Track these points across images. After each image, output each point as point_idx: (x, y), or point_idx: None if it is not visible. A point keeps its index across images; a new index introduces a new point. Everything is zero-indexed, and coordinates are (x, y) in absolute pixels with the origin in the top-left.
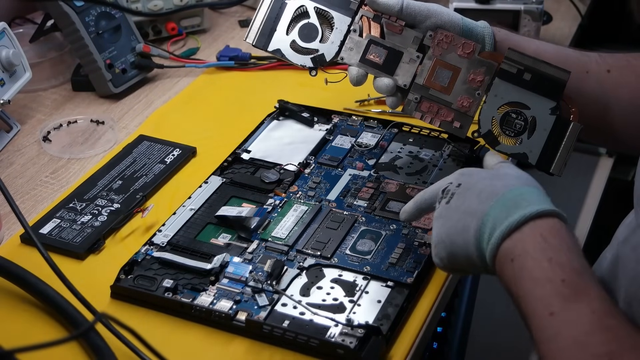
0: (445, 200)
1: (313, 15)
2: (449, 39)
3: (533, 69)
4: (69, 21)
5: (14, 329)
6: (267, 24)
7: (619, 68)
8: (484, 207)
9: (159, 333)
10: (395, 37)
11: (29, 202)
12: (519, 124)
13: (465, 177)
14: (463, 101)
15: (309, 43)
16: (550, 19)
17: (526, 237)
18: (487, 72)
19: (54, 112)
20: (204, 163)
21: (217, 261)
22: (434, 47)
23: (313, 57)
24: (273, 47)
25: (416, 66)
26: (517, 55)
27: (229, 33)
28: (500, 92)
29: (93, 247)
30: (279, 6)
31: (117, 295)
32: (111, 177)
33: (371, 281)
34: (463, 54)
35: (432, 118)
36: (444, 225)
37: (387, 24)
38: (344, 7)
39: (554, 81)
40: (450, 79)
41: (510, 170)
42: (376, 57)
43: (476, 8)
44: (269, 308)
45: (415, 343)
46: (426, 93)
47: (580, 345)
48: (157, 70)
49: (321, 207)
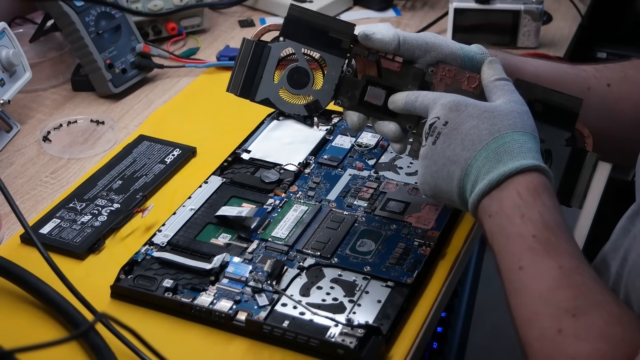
0: (432, 140)
1: (301, 58)
2: (452, 73)
3: (543, 99)
4: (69, 21)
5: (14, 329)
6: (251, 71)
7: (617, 81)
8: (468, 154)
9: (159, 333)
10: (394, 75)
11: (29, 202)
12: None
13: (453, 113)
14: None
15: (300, 90)
16: (550, 19)
17: (504, 195)
18: None
19: (54, 112)
20: (204, 163)
21: (217, 261)
22: (437, 83)
23: (307, 105)
24: (260, 97)
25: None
26: (526, 86)
27: (229, 33)
28: None
29: (93, 247)
30: (260, 51)
31: (117, 295)
32: (111, 177)
33: (371, 281)
34: (469, 88)
35: None
36: (429, 167)
37: (384, 62)
38: (335, 47)
39: (567, 111)
40: None
41: (503, 99)
42: (375, 99)
43: (476, 8)
44: (269, 308)
45: (415, 343)
46: None
47: (546, 300)
48: (157, 70)
49: (321, 207)
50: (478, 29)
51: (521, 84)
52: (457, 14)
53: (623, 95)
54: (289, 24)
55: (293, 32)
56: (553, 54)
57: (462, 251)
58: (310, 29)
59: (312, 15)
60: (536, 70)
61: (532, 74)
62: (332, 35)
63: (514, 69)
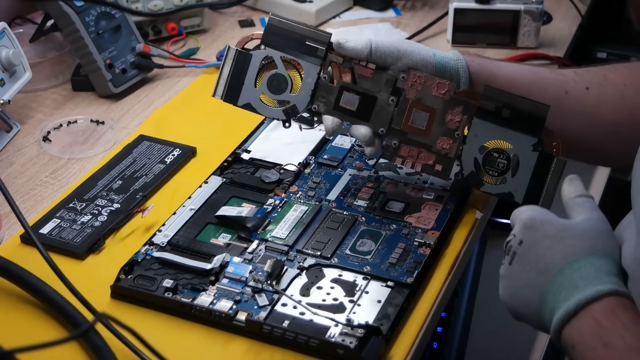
0: (508, 260)
1: (280, 65)
2: (423, 80)
3: (511, 105)
4: (69, 21)
5: (14, 329)
6: (234, 77)
7: (597, 84)
8: (543, 280)
9: (159, 333)
10: (367, 81)
11: (29, 202)
12: (501, 163)
13: (528, 231)
14: (443, 143)
15: (279, 95)
16: (550, 19)
17: (582, 324)
18: (464, 111)
19: (54, 112)
20: (204, 163)
21: (217, 261)
22: (408, 89)
23: (285, 109)
24: (242, 101)
25: (391, 110)
26: (493, 92)
27: (229, 33)
28: (480, 132)
29: (93, 247)
30: (243, 58)
31: (117, 295)
32: (111, 177)
33: (371, 281)
34: (438, 94)
35: (413, 162)
36: (508, 289)
37: (357, 69)
38: (312, 54)
39: (534, 117)
40: (427, 121)
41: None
42: (349, 104)
43: (476, 8)
44: (269, 308)
45: (415, 343)
46: (404, 137)
47: None
48: (157, 70)
49: (321, 207)
50: (478, 29)
51: (488, 91)
52: (457, 14)
53: (602, 99)
54: (269, 33)
55: (273, 40)
56: (553, 54)
57: (462, 251)
58: (289, 37)
59: (291, 24)
60: (513, 75)
61: (508, 79)
62: (308, 43)
63: (489, 74)
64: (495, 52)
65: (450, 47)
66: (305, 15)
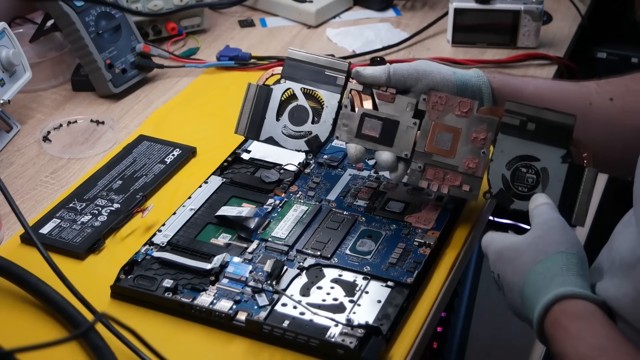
0: (502, 292)
1: (301, 96)
2: (444, 100)
3: (536, 118)
4: (69, 21)
5: (14, 329)
6: (256, 113)
7: (620, 95)
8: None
9: (159, 333)
10: (389, 106)
11: (29, 202)
12: (530, 178)
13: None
14: (469, 162)
15: (301, 126)
16: (550, 19)
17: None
18: (489, 128)
19: (54, 112)
20: (204, 163)
21: (217, 261)
22: (430, 110)
23: (307, 140)
24: (265, 135)
25: (415, 133)
26: (517, 107)
27: (229, 33)
28: (506, 148)
29: (93, 247)
30: (265, 93)
31: (117, 295)
32: (111, 177)
33: (371, 281)
34: (461, 114)
35: (440, 185)
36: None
37: (377, 94)
38: (332, 84)
39: (561, 128)
40: (452, 142)
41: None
42: (372, 130)
43: (476, 8)
44: (269, 308)
45: (415, 343)
46: (429, 160)
47: None
48: (157, 70)
49: (321, 207)
50: (478, 29)
51: (511, 105)
52: (457, 14)
53: (627, 108)
54: (288, 66)
55: (292, 73)
56: (553, 54)
57: (462, 251)
58: (308, 69)
59: (309, 56)
60: (537, 90)
61: (533, 94)
62: (328, 73)
63: (512, 90)
64: (495, 52)
65: (450, 47)
66: (305, 15)
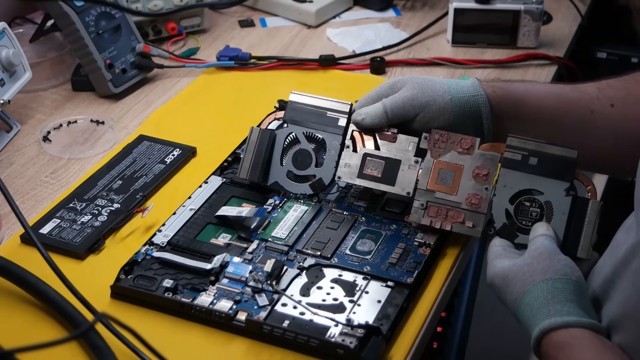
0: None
1: (304, 140)
2: (446, 138)
3: (538, 152)
4: (69, 21)
5: (14, 329)
6: (258, 156)
7: (621, 100)
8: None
9: (159, 333)
10: (391, 145)
11: (29, 202)
12: (534, 212)
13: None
14: (471, 199)
15: (304, 170)
16: (550, 19)
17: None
18: (491, 164)
19: (54, 112)
20: (204, 163)
21: (217, 261)
22: (432, 149)
23: (312, 184)
24: (271, 180)
25: (417, 172)
26: (519, 142)
27: (229, 33)
28: (509, 182)
29: (93, 247)
30: (267, 137)
31: (117, 295)
32: (111, 177)
33: (371, 281)
34: (463, 151)
35: (442, 222)
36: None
37: (379, 136)
38: (334, 126)
39: (563, 161)
40: (454, 178)
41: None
42: (374, 170)
43: (476, 8)
44: (269, 308)
45: (415, 343)
46: (432, 197)
47: None
48: (157, 70)
49: (321, 207)
50: (478, 29)
51: (512, 141)
52: (457, 14)
53: (628, 114)
54: (290, 110)
55: (295, 117)
56: (553, 54)
57: (462, 251)
58: (310, 112)
59: (311, 99)
60: (538, 103)
61: (534, 107)
62: (329, 115)
63: (513, 104)
64: (495, 52)
65: (450, 47)
66: (305, 15)
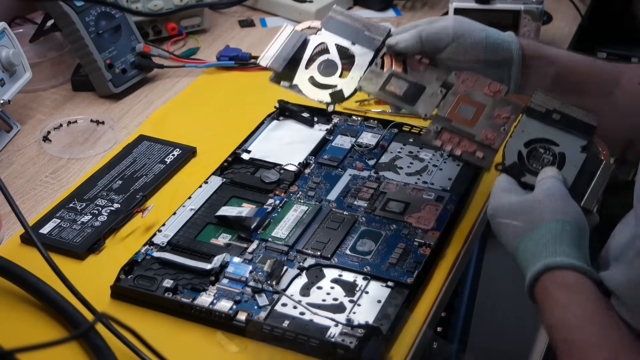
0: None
1: (333, 51)
2: (475, 79)
3: (562, 112)
4: (69, 21)
5: (14, 329)
6: (284, 50)
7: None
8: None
9: (159, 333)
10: (419, 74)
11: (29, 202)
12: (547, 159)
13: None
14: (487, 134)
15: (327, 78)
16: (550, 19)
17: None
18: (513, 111)
19: (54, 112)
20: (204, 163)
21: (217, 261)
22: (459, 85)
23: (332, 93)
24: (293, 82)
25: (438, 100)
26: (544, 98)
27: (229, 33)
28: (528, 129)
29: (93, 247)
30: (297, 37)
31: (117, 295)
32: (111, 177)
33: (371, 281)
34: (489, 93)
35: (453, 148)
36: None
37: (411, 63)
38: (367, 43)
39: (585, 124)
40: (474, 114)
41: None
42: (397, 88)
43: (476, 8)
44: (269, 308)
45: (415, 343)
46: (448, 124)
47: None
48: (157, 70)
49: (321, 207)
50: None
51: (538, 96)
52: (457, 14)
53: None
54: (329, 20)
55: (331, 27)
56: None
57: (462, 251)
58: (348, 25)
59: (352, 16)
60: (570, 64)
61: (565, 67)
62: (366, 34)
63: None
64: None
65: None
66: (305, 15)
